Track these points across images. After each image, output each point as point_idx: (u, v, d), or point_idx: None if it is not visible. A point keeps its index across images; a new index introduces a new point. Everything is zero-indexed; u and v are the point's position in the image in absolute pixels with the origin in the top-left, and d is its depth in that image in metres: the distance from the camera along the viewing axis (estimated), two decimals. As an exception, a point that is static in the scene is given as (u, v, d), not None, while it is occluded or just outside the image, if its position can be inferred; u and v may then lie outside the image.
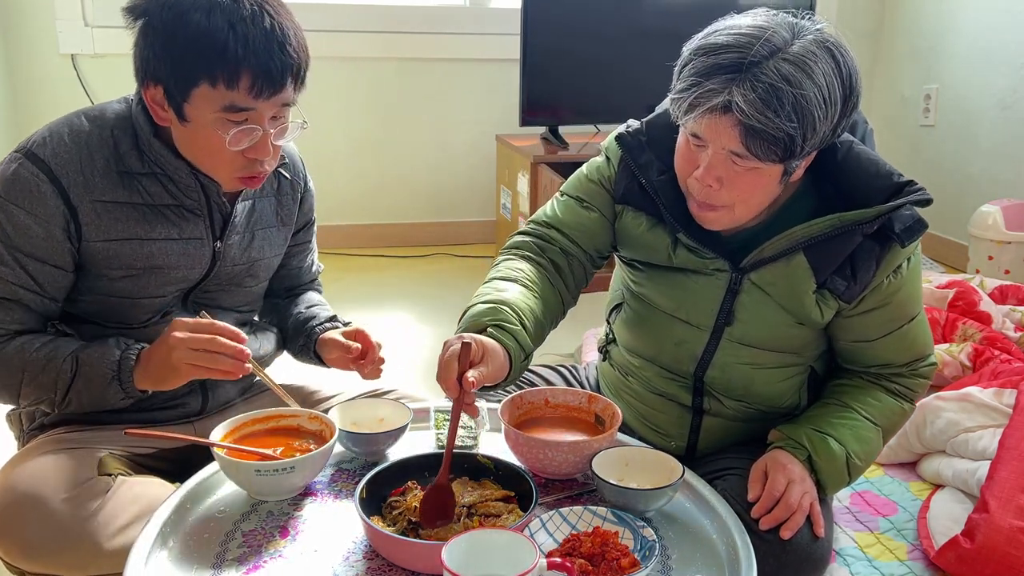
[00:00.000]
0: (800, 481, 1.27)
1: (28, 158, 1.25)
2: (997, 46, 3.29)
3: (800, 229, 1.25)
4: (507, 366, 1.17)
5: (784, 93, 1.12)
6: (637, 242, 1.38)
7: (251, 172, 1.29)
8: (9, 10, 3.18)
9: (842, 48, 1.18)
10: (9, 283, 1.26)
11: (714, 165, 1.20)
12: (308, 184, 1.55)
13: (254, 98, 1.21)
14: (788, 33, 1.15)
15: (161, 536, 1.08)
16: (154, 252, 1.32)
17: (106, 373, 1.26)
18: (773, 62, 1.13)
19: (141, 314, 1.35)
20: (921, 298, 1.37)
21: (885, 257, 1.27)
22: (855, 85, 1.19)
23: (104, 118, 1.31)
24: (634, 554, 1.03)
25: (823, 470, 1.30)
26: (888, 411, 1.37)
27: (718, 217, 1.26)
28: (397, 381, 1.67)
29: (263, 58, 1.19)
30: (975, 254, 3.18)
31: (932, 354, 1.41)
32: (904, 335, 1.35)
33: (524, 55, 3.12)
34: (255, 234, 1.44)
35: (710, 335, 1.36)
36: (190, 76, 1.20)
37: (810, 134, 1.16)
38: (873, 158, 1.29)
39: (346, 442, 1.26)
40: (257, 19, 1.19)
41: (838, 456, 1.30)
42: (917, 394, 1.41)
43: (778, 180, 1.22)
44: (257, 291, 1.52)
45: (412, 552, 1.03)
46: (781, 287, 1.30)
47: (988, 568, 1.47)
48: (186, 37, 1.18)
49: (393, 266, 3.53)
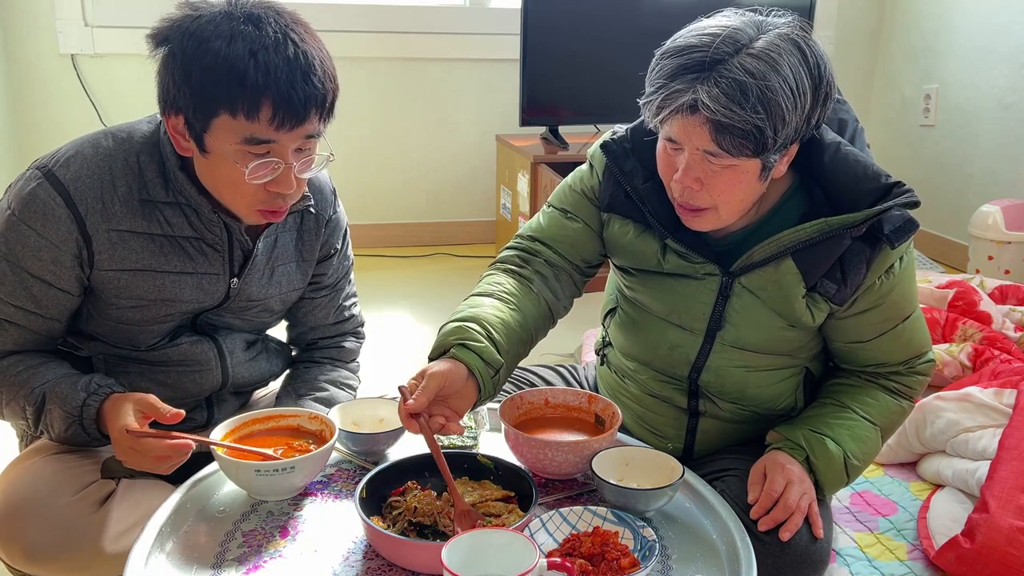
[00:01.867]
0: (799, 482, 1.26)
1: (48, 178, 1.21)
2: (997, 46, 3.29)
3: (788, 234, 1.25)
4: (473, 383, 1.19)
5: (748, 87, 1.12)
6: (626, 250, 1.38)
7: (272, 206, 1.23)
8: (9, 10, 3.18)
9: (809, 40, 1.18)
10: (9, 304, 1.24)
11: (691, 166, 1.21)
12: (335, 214, 1.47)
13: (276, 130, 1.15)
14: (753, 30, 1.17)
15: (161, 536, 1.08)
16: (166, 284, 1.29)
17: (67, 416, 1.23)
18: (737, 59, 1.13)
19: (149, 338, 1.33)
20: (916, 296, 1.36)
21: (876, 258, 1.26)
22: (824, 74, 1.19)
23: (131, 141, 1.26)
24: (634, 554, 1.03)
25: (821, 471, 1.29)
26: (886, 410, 1.37)
27: (704, 219, 1.26)
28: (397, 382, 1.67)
29: (285, 88, 1.13)
30: (975, 254, 3.18)
31: (930, 351, 1.40)
32: (899, 334, 1.35)
33: (524, 55, 3.12)
34: (275, 270, 1.40)
35: (703, 339, 1.36)
36: (210, 106, 1.15)
37: (780, 126, 1.15)
38: (861, 160, 1.27)
39: (346, 442, 1.26)
40: (280, 47, 1.14)
41: (836, 457, 1.30)
42: (916, 392, 1.40)
43: (758, 177, 1.22)
44: (272, 321, 1.49)
45: (412, 552, 1.03)
46: (771, 291, 1.30)
47: (988, 568, 1.47)
48: (206, 66, 1.13)
49: (393, 266, 3.53)
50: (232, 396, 1.48)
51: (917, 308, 1.37)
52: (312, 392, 1.47)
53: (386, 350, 2.52)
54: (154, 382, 1.35)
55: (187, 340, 1.36)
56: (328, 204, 1.44)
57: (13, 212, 1.22)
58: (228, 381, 1.42)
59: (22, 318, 1.25)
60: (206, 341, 1.38)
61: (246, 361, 1.45)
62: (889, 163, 3.84)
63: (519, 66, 3.14)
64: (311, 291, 1.50)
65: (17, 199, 1.22)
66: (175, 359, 1.36)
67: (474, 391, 1.19)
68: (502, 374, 1.23)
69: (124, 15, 3.24)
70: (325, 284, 1.50)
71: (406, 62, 3.54)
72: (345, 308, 1.56)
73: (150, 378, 1.35)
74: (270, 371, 1.51)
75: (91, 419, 1.23)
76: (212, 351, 1.39)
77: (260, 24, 1.15)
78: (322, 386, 1.49)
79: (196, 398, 1.41)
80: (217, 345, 1.40)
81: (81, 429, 1.23)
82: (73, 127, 3.18)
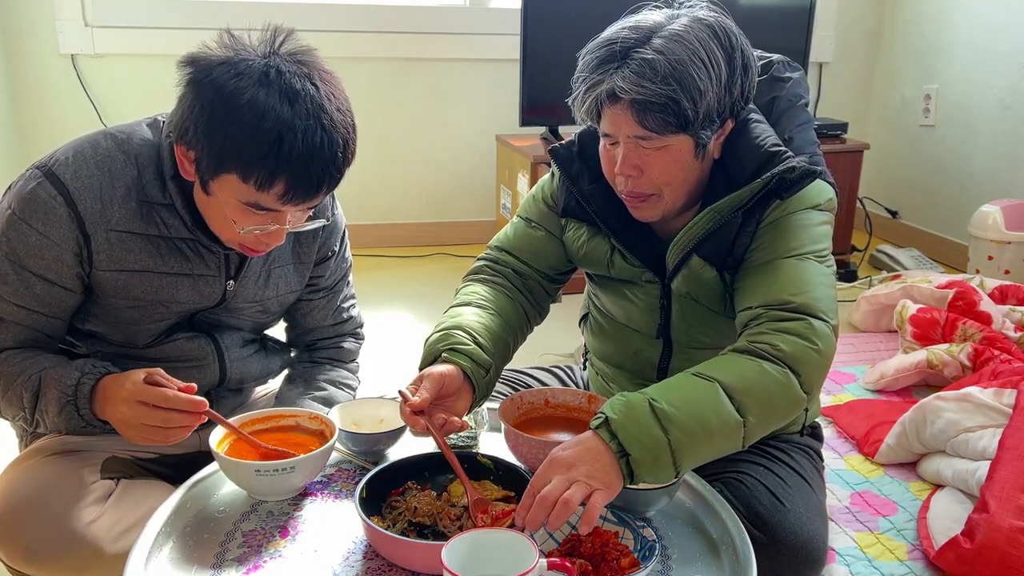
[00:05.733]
0: (570, 468, 1.03)
1: (48, 177, 1.21)
2: (997, 46, 3.29)
3: (684, 233, 1.28)
4: (468, 385, 1.21)
5: (657, 63, 1.17)
6: (580, 253, 1.41)
7: (256, 248, 1.25)
8: (9, 10, 3.18)
9: (719, 18, 1.23)
10: (10, 303, 1.24)
11: (627, 155, 1.24)
12: (333, 216, 1.47)
13: (282, 204, 1.16)
14: (663, 18, 1.22)
15: (161, 536, 1.08)
16: (163, 285, 1.29)
17: (61, 396, 1.21)
18: (648, 44, 1.19)
19: (146, 336, 1.34)
20: (814, 246, 1.24)
21: (767, 215, 1.27)
22: (736, 44, 1.22)
23: (131, 143, 1.26)
24: (634, 554, 1.03)
25: (621, 427, 1.05)
26: (729, 363, 1.14)
27: (651, 206, 1.28)
28: (397, 382, 1.67)
29: (302, 172, 1.13)
30: (975, 254, 3.18)
31: (818, 314, 1.16)
32: (769, 271, 1.22)
33: (524, 55, 3.12)
34: (272, 271, 1.40)
35: (663, 344, 1.39)
36: (224, 165, 1.14)
37: (697, 96, 1.18)
38: (757, 133, 1.28)
39: (346, 442, 1.26)
40: (309, 132, 1.12)
41: (635, 405, 1.07)
42: (784, 354, 1.13)
43: (693, 155, 1.25)
44: (270, 322, 1.50)
45: (412, 552, 1.03)
46: (698, 290, 1.32)
47: (988, 568, 1.47)
48: (229, 132, 1.11)
49: (393, 266, 3.53)
50: (231, 394, 1.48)
51: (809, 259, 1.23)
52: (311, 392, 1.47)
53: (386, 350, 2.52)
54: None
55: (184, 337, 1.37)
56: (326, 206, 1.44)
57: (14, 211, 1.22)
58: (226, 378, 1.42)
59: (25, 317, 1.26)
60: (204, 338, 1.39)
61: (244, 358, 1.45)
62: (889, 163, 3.85)
63: (519, 66, 3.14)
64: (309, 293, 1.50)
65: (17, 198, 1.22)
66: (173, 356, 1.36)
67: (469, 392, 1.22)
68: (492, 374, 1.26)
69: (124, 15, 3.24)
70: (323, 286, 1.50)
71: (406, 62, 3.54)
72: (343, 310, 1.56)
73: None
74: (268, 368, 1.52)
75: (85, 398, 1.21)
76: (210, 348, 1.39)
77: (295, 102, 1.12)
78: (321, 386, 1.49)
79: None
80: (215, 342, 1.40)
81: (75, 410, 1.22)
82: (73, 127, 3.19)
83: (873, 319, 2.80)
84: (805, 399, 1.14)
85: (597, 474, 1.02)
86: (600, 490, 1.01)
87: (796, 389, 1.12)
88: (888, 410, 2.12)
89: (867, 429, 2.03)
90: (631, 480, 1.05)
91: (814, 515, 1.32)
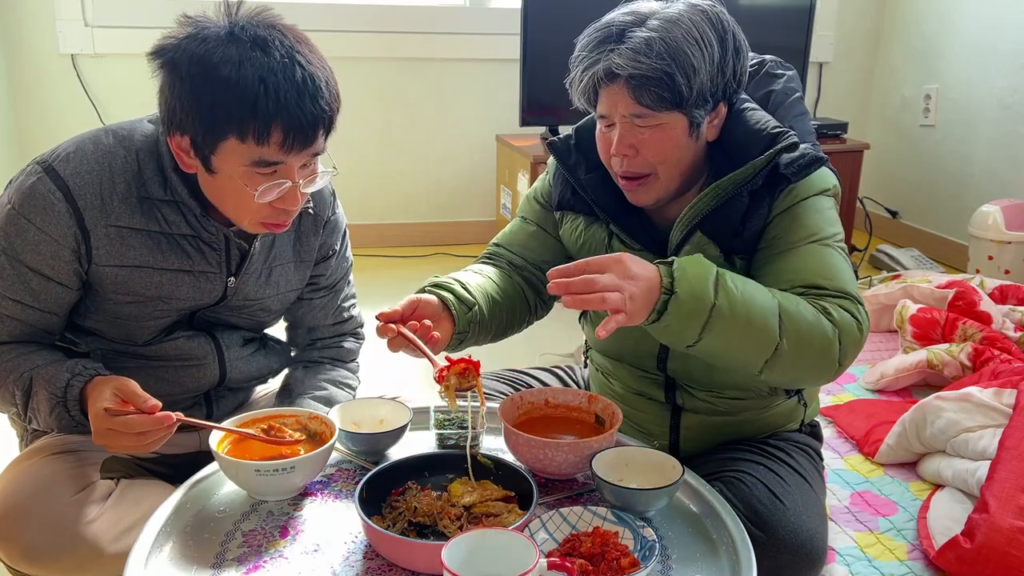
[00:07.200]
0: (629, 278, 1.09)
1: (48, 173, 1.22)
2: (997, 46, 3.29)
3: (688, 211, 1.30)
4: (448, 317, 1.28)
5: (653, 40, 1.22)
6: (578, 244, 1.44)
7: (276, 220, 1.25)
8: (9, 10, 3.18)
9: (712, 6, 1.29)
10: (5, 297, 1.25)
11: (623, 135, 1.28)
12: (334, 215, 1.48)
13: (285, 152, 1.17)
14: (658, 6, 1.28)
15: (161, 536, 1.08)
16: (163, 282, 1.29)
17: (52, 397, 1.22)
18: (643, 26, 1.24)
19: (146, 333, 1.34)
20: (832, 230, 1.28)
21: (777, 200, 1.29)
22: (728, 28, 1.27)
23: (131, 140, 1.26)
24: (634, 554, 1.03)
25: (682, 267, 1.13)
26: (794, 298, 1.20)
27: (647, 187, 1.31)
28: (397, 382, 1.67)
29: (294, 113, 1.14)
30: (975, 254, 3.18)
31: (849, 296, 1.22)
32: (800, 256, 1.25)
33: (524, 55, 3.12)
34: (272, 269, 1.40)
35: None
36: (219, 131, 1.15)
37: (692, 73, 1.23)
38: (755, 117, 1.33)
39: (346, 442, 1.26)
40: (288, 71, 1.14)
41: (704, 261, 1.16)
42: (831, 317, 1.19)
43: (687, 134, 1.28)
44: (270, 320, 1.50)
45: (412, 552, 1.03)
46: None
47: (988, 568, 1.47)
48: (215, 92, 1.13)
49: (393, 266, 3.53)
50: (231, 393, 1.48)
51: (830, 245, 1.27)
52: (311, 391, 1.47)
53: (386, 350, 2.51)
54: (152, 377, 1.34)
55: (184, 335, 1.37)
56: (327, 205, 1.45)
57: (13, 206, 1.22)
58: (226, 377, 1.42)
59: (20, 312, 1.26)
60: (204, 337, 1.39)
61: (244, 357, 1.45)
62: (889, 163, 3.85)
63: (519, 66, 3.14)
64: (309, 292, 1.50)
65: (17, 193, 1.23)
66: (172, 354, 1.36)
67: (449, 325, 1.28)
68: (477, 316, 1.31)
69: (124, 15, 3.24)
70: (323, 285, 1.50)
71: (406, 62, 3.55)
72: (344, 309, 1.56)
73: (148, 373, 1.35)
74: (268, 367, 1.52)
75: (74, 400, 1.22)
76: (210, 347, 1.39)
77: (267, 48, 1.15)
78: (321, 385, 1.49)
79: (194, 394, 1.42)
80: (215, 341, 1.40)
81: (65, 411, 1.23)
82: (73, 127, 3.17)
83: (873, 319, 2.80)
84: (835, 365, 1.20)
85: (638, 300, 1.10)
86: (625, 313, 1.08)
87: (834, 351, 1.19)
88: (888, 410, 2.12)
89: (867, 429, 2.03)
90: (656, 319, 1.12)
91: (814, 514, 1.32)
